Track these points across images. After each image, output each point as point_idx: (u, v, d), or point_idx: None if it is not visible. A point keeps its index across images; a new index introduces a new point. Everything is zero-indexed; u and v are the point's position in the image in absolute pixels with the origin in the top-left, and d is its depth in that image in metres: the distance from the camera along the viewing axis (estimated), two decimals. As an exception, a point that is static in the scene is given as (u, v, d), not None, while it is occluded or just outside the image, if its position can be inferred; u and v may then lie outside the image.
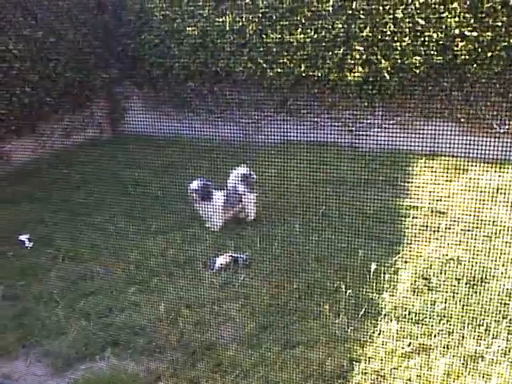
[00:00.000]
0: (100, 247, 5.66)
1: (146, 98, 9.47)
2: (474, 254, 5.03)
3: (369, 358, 3.92)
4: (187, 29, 8.61)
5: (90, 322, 4.50)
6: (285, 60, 8.17)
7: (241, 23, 8.26)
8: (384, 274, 4.79)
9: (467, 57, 7.10)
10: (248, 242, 5.61)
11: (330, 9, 7.67)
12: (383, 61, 7.58)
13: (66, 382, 3.94)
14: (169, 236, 5.80)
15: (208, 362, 3.96)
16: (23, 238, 5.82)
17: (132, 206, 6.52)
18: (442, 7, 7.13)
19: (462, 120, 7.39)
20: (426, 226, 5.65)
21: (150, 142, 7.97)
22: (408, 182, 6.63)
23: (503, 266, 4.76)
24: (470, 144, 5.98)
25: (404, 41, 7.39)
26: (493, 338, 3.98)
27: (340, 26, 7.70)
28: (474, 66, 7.11)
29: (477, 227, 5.42)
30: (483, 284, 4.56)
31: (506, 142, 6.39)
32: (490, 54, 6.99)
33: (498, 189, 5.97)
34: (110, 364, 4.06)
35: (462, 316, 4.19)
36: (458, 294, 4.46)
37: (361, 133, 8.07)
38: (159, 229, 5.98)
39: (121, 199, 6.65)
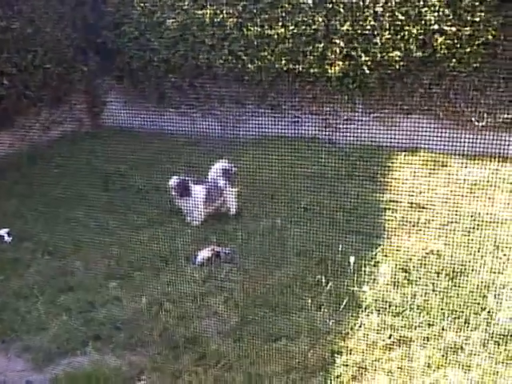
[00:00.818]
0: (80, 242, 5.61)
1: (125, 92, 9.39)
2: (453, 248, 5.10)
3: (350, 350, 3.96)
4: (167, 21, 8.55)
5: (71, 317, 4.48)
6: (265, 54, 8.16)
7: (221, 16, 8.22)
8: (364, 267, 4.83)
9: (446, 52, 7.16)
10: (230, 237, 5.61)
11: (310, 2, 7.68)
12: (363, 55, 7.61)
13: (47, 377, 3.91)
14: (150, 230, 5.78)
15: (191, 356, 3.97)
16: (2, 232, 5.76)
17: (112, 200, 6.47)
18: (421, 2, 7.17)
19: (441, 115, 7.46)
20: (406, 220, 5.70)
21: (129, 135, 7.92)
22: (388, 177, 6.67)
23: (482, 258, 4.83)
24: (449, 139, 6.06)
25: (384, 36, 7.43)
26: (472, 329, 4.04)
27: (320, 20, 7.70)
28: (453, 61, 7.17)
29: (456, 221, 5.48)
30: (462, 277, 4.62)
31: (485, 137, 6.46)
32: (468, 50, 7.05)
33: (476, 183, 6.04)
34: (92, 359, 4.04)
35: (442, 308, 4.24)
36: (437, 286, 4.51)
37: (341, 127, 8.10)
38: (140, 223, 5.95)
39: (101, 193, 6.59)
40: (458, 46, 7.10)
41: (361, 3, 7.45)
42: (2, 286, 4.93)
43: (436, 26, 7.12)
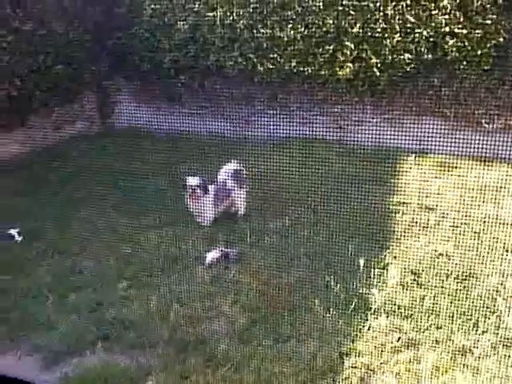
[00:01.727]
0: (90, 241, 5.63)
1: (136, 92, 9.43)
2: (462, 250, 5.08)
3: (358, 352, 3.96)
4: (178, 23, 8.58)
5: (81, 317, 4.50)
6: (275, 55, 8.17)
7: (231, 18, 8.24)
8: (373, 269, 4.83)
9: (457, 54, 7.15)
10: (239, 237, 5.62)
11: (321, 5, 7.69)
12: (373, 57, 7.61)
13: (57, 377, 3.93)
14: (160, 231, 5.79)
15: (199, 357, 3.98)
16: (13, 232, 5.79)
17: (123, 200, 6.49)
18: (432, 5, 7.16)
19: (451, 117, 7.43)
20: (415, 222, 5.69)
21: (139, 135, 7.95)
22: (397, 178, 6.66)
23: (491, 261, 4.81)
24: (459, 141, 6.04)
25: (394, 38, 7.42)
26: (481, 332, 4.03)
27: (331, 22, 7.70)
28: (464, 63, 7.15)
29: (465, 223, 5.47)
30: (472, 279, 4.61)
31: (495, 139, 6.45)
32: (479, 52, 7.04)
33: (486, 185, 6.02)
34: (101, 358, 4.06)
35: (451, 311, 4.24)
36: (446, 289, 4.50)
37: (351, 129, 8.10)
38: (150, 223, 5.97)
39: (111, 193, 6.62)
40: (469, 48, 7.08)
41: (371, 5, 7.45)
42: (11, 285, 4.96)
43: (447, 29, 7.11)
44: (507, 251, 4.98)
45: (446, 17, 7.08)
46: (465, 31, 7.03)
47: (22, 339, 4.32)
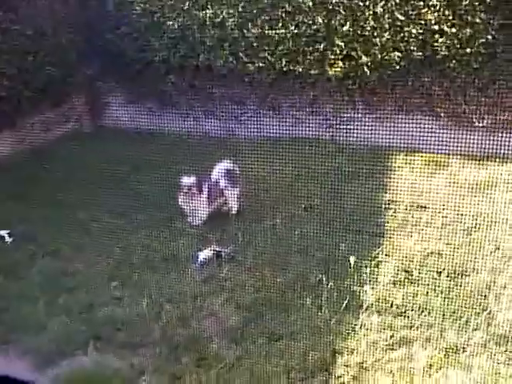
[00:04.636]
0: (81, 242, 5.61)
1: (126, 92, 9.38)
2: (454, 248, 5.10)
3: (351, 350, 3.96)
4: (167, 22, 8.55)
5: (72, 318, 4.47)
6: (266, 54, 8.16)
7: (221, 17, 8.22)
8: (366, 267, 4.83)
9: (446, 52, 7.16)
10: (231, 236, 5.61)
11: (311, 3, 7.69)
12: (363, 56, 7.61)
13: (49, 378, 3.91)
14: (151, 230, 5.77)
15: (192, 357, 3.97)
16: (3, 233, 5.75)
17: (114, 200, 6.46)
18: (421, 3, 7.17)
19: (442, 115, 7.45)
20: (407, 220, 5.71)
21: (130, 136, 7.92)
22: (389, 177, 6.67)
23: (483, 259, 4.83)
24: (449, 139, 6.05)
25: (384, 36, 7.43)
26: (473, 330, 4.04)
27: (320, 20, 7.70)
28: (453, 61, 7.17)
29: (457, 221, 5.48)
30: (463, 277, 4.63)
31: (485, 137, 6.46)
32: (468, 50, 7.06)
33: (477, 183, 6.05)
34: (93, 359, 4.04)
35: (443, 309, 4.25)
36: (438, 286, 4.51)
37: (341, 127, 8.09)
38: (141, 223, 5.95)
39: (102, 194, 6.58)
40: (458, 46, 7.10)
41: (361, 4, 7.45)
42: (2, 287, 4.93)
43: (436, 27, 7.12)
44: (498, 248, 5.00)
45: (436, 15, 7.09)
46: (454, 29, 7.04)
47: (14, 341, 4.29)
